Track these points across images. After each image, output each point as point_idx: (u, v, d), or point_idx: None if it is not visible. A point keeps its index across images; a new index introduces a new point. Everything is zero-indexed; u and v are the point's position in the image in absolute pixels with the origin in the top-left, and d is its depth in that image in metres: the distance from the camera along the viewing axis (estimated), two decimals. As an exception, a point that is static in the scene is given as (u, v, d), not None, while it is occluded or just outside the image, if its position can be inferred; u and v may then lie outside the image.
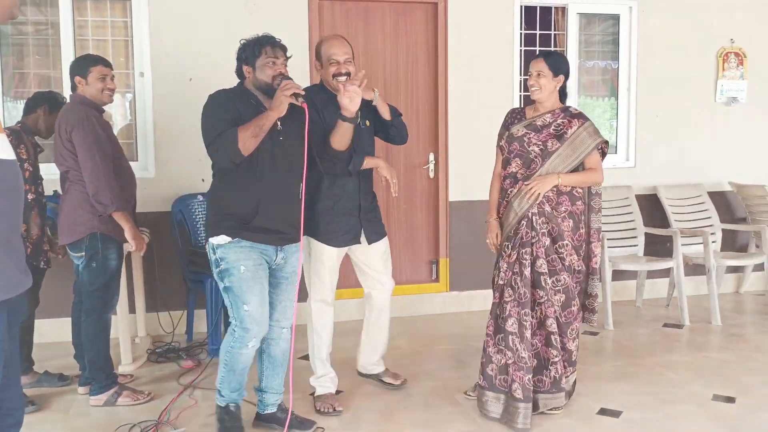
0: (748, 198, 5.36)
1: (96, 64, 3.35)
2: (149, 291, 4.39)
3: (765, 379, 3.65)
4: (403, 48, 4.89)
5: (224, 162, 2.75)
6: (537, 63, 3.17)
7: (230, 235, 2.78)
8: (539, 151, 3.15)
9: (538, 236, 3.10)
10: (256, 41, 2.85)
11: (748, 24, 5.45)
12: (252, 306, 2.80)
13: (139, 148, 4.55)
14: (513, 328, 3.07)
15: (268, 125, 2.72)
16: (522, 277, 3.08)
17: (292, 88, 2.71)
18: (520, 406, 3.03)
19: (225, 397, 2.98)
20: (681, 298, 4.74)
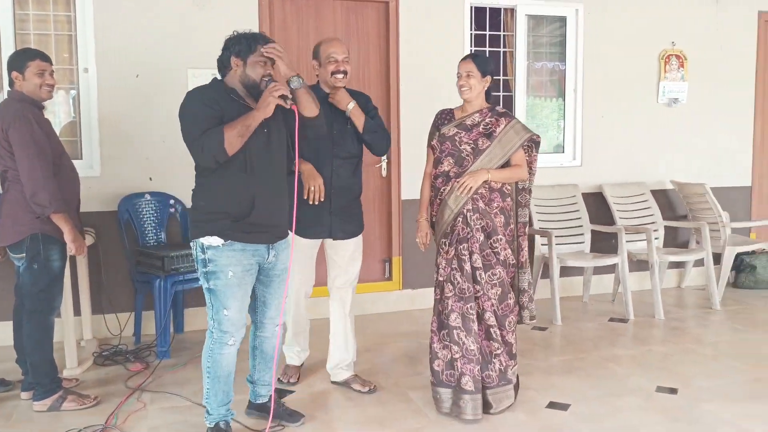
0: (689, 196, 5.55)
1: (33, 58, 3.24)
2: (95, 292, 4.27)
3: (705, 371, 3.79)
4: (355, 47, 4.89)
5: (208, 161, 2.70)
6: (466, 64, 3.25)
7: (223, 237, 2.75)
8: (470, 149, 3.23)
9: (473, 232, 3.17)
10: (252, 36, 2.82)
11: (688, 27, 5.64)
12: (232, 311, 2.81)
13: (83, 146, 4.43)
14: (457, 322, 3.13)
15: (255, 125, 2.70)
16: (462, 273, 3.15)
17: (281, 90, 2.72)
18: (469, 398, 3.09)
19: (213, 414, 2.91)
20: (626, 294, 4.87)
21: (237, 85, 2.83)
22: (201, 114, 2.71)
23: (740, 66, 5.83)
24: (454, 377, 3.14)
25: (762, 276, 5.64)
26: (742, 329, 4.61)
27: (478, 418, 3.10)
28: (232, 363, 2.90)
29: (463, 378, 3.10)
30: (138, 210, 4.39)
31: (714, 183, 5.56)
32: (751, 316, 4.95)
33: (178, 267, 4.06)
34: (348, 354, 3.61)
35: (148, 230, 4.41)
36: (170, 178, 4.51)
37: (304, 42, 4.76)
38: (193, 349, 4.20)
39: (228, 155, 2.67)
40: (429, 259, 5.03)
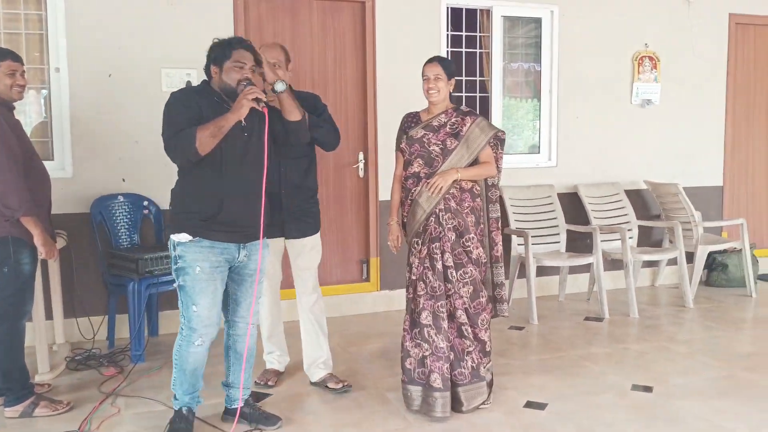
0: (662, 196, 5.62)
1: (4, 58, 3.17)
2: (67, 296, 4.19)
3: (679, 369, 3.84)
4: (331, 46, 4.87)
5: (180, 160, 2.77)
6: (433, 67, 3.31)
7: (191, 234, 2.80)
8: (439, 150, 3.28)
9: (445, 231, 3.21)
10: (227, 43, 2.86)
11: (660, 29, 5.72)
12: (200, 307, 2.84)
13: (55, 147, 4.35)
14: (428, 320, 3.16)
15: (227, 127, 2.73)
16: (434, 271, 3.18)
17: (255, 93, 2.74)
18: (438, 395, 3.11)
19: (179, 400, 2.99)
20: (601, 293, 4.92)
21: (219, 90, 2.88)
22: (179, 114, 2.78)
23: (711, 67, 5.93)
24: (424, 375, 3.16)
25: (733, 274, 5.73)
26: (714, 327, 4.68)
27: (446, 415, 3.12)
28: (199, 361, 2.95)
29: (432, 375, 3.12)
30: (111, 211, 4.33)
31: (686, 183, 5.64)
32: (724, 314, 5.02)
33: (152, 269, 4.00)
34: (321, 351, 3.63)
35: (122, 232, 4.35)
36: (144, 179, 4.45)
37: (279, 41, 4.69)
38: (168, 352, 4.05)
39: (200, 155, 2.71)
40: (406, 260, 5.06)
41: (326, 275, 4.98)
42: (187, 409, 3.00)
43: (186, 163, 2.76)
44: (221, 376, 3.23)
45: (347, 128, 4.94)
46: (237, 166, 2.83)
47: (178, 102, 2.81)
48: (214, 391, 3.39)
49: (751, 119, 6.19)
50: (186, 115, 2.75)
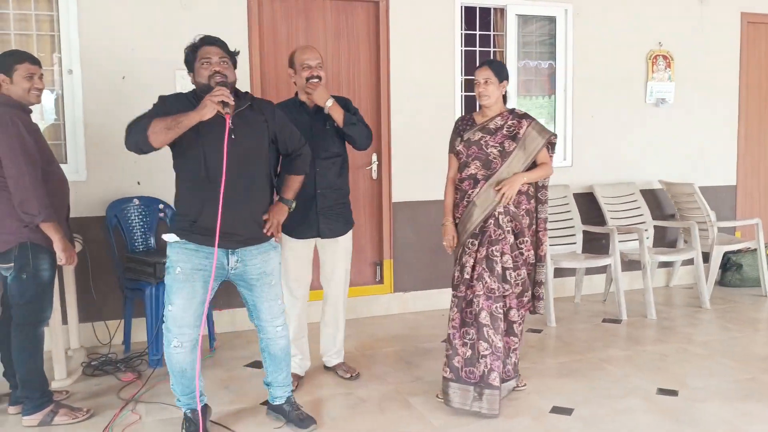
0: (677, 196, 5.58)
1: (22, 61, 3.13)
2: (82, 300, 4.14)
3: (701, 371, 3.80)
4: (345, 47, 4.83)
5: (131, 146, 2.80)
6: (484, 71, 3.34)
7: (179, 235, 2.86)
8: (498, 152, 3.33)
9: (504, 234, 3.28)
10: (192, 45, 2.88)
11: (674, 28, 5.68)
12: (175, 307, 2.85)
13: (68, 150, 4.31)
14: (486, 320, 3.22)
15: (187, 124, 2.71)
16: (493, 273, 3.24)
17: (222, 95, 2.69)
18: (496, 393, 3.19)
19: (181, 401, 3.04)
20: (619, 294, 4.88)
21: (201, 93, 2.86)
22: (152, 109, 2.83)
23: (725, 66, 5.89)
24: (474, 374, 3.22)
25: (748, 274, 5.70)
26: (732, 328, 4.65)
27: (495, 413, 3.18)
28: (182, 363, 2.89)
29: (492, 374, 3.19)
30: (126, 215, 4.29)
31: (700, 182, 5.60)
32: (740, 314, 4.99)
33: (169, 273, 3.96)
34: (336, 343, 3.82)
35: (137, 236, 4.31)
36: (159, 182, 4.40)
37: (294, 42, 4.68)
38: (185, 357, 4.11)
39: (150, 144, 2.73)
40: (420, 262, 5.05)
41: (341, 277, 4.94)
42: (190, 411, 3.01)
43: (137, 151, 2.79)
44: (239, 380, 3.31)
45: (361, 129, 4.90)
46: (220, 171, 2.75)
47: (159, 100, 2.88)
48: (234, 394, 3.37)
49: (763, 118, 6.16)
50: (157, 110, 2.79)
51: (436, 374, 3.72)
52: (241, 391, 3.57)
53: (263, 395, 3.45)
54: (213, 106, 2.69)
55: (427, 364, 3.95)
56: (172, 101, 2.86)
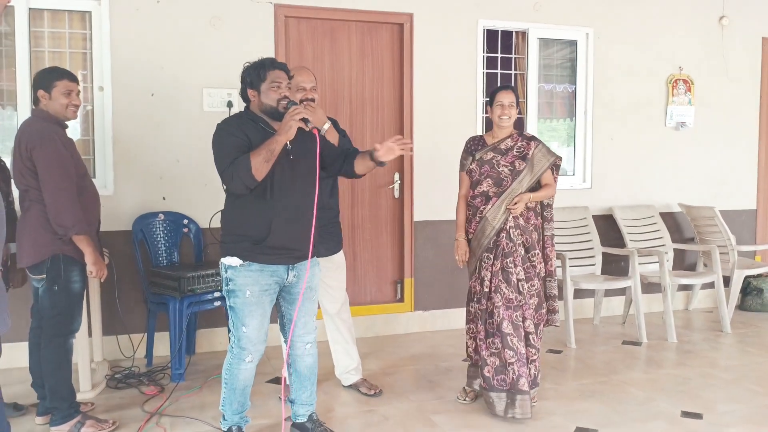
0: (696, 219, 5.58)
1: (61, 78, 3.20)
2: (107, 313, 4.19)
3: (725, 396, 3.78)
4: (369, 67, 4.90)
5: (240, 189, 2.78)
6: (508, 95, 3.55)
7: (242, 258, 2.85)
8: (508, 171, 3.55)
9: (516, 247, 3.48)
10: (260, 65, 2.88)
11: (694, 52, 5.71)
12: (250, 328, 2.91)
13: (97, 165, 4.38)
14: (509, 329, 3.39)
15: (279, 149, 2.75)
16: (509, 284, 3.43)
17: (302, 113, 2.76)
18: (527, 398, 3.35)
19: (228, 420, 3.05)
20: (639, 316, 4.87)
21: (260, 113, 2.91)
22: (228, 144, 2.80)
23: (745, 90, 5.91)
24: (505, 381, 3.38)
25: (769, 299, 5.67)
26: (754, 353, 4.62)
27: (528, 416, 3.35)
28: (249, 378, 3.01)
29: (521, 380, 3.35)
30: (152, 230, 4.34)
31: (719, 206, 5.59)
32: (762, 339, 4.96)
33: (194, 288, 4.00)
34: (352, 359, 3.83)
35: (161, 250, 4.36)
36: (184, 198, 4.47)
37: (319, 63, 4.76)
38: (207, 371, 4.14)
39: (257, 180, 2.74)
40: (440, 280, 5.06)
41: (360, 295, 4.97)
42: (237, 428, 3.05)
43: (245, 191, 2.77)
44: (261, 396, 3.36)
45: (384, 148, 4.94)
46: (285, 189, 2.85)
47: (225, 132, 2.83)
48: (257, 410, 3.39)
49: (784, 143, 6.16)
50: (235, 144, 2.78)
51: (458, 392, 3.73)
52: (265, 407, 3.58)
53: (286, 411, 3.46)
54: (296, 124, 2.75)
55: (449, 383, 3.95)
56: (243, 129, 2.82)
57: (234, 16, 4.52)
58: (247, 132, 2.82)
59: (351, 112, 4.87)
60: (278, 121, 2.83)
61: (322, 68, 4.76)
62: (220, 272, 2.95)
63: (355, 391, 3.81)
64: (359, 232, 4.96)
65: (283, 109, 2.82)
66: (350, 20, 4.81)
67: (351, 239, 4.89)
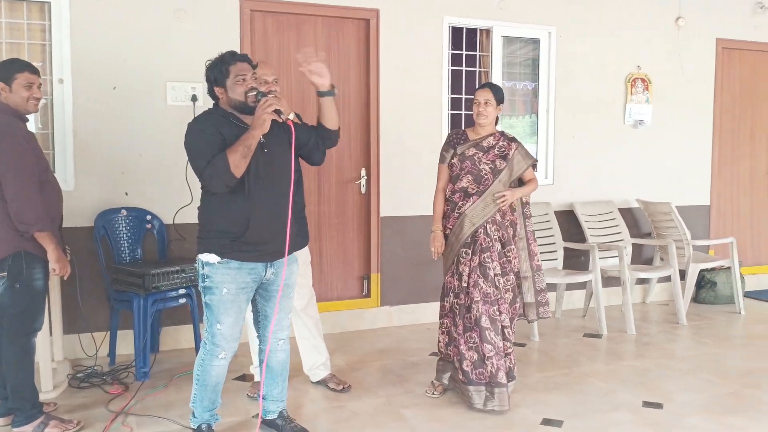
0: (654, 214, 5.74)
1: (22, 70, 3.11)
2: (68, 311, 4.09)
3: (683, 386, 3.90)
4: (335, 62, 4.88)
5: (220, 188, 2.74)
6: (484, 92, 3.60)
7: (219, 255, 2.81)
8: (489, 169, 3.60)
9: (492, 242, 3.53)
10: (221, 61, 2.84)
11: (652, 52, 5.86)
12: (224, 326, 2.88)
13: (57, 160, 4.26)
14: (487, 324, 3.45)
15: (255, 144, 2.72)
16: (487, 279, 3.49)
17: (273, 105, 2.72)
18: (505, 390, 3.43)
19: (198, 417, 3.02)
20: (599, 310, 4.99)
21: (230, 109, 2.86)
22: (203, 143, 2.75)
23: (700, 90, 6.09)
24: (483, 375, 3.44)
25: (722, 291, 5.86)
26: (709, 344, 4.78)
27: (506, 409, 3.42)
28: (222, 375, 2.99)
29: (499, 373, 3.42)
30: (114, 226, 4.25)
31: (675, 201, 5.75)
32: (716, 331, 5.13)
33: (158, 285, 3.94)
34: (320, 355, 3.83)
35: (124, 247, 4.28)
36: (147, 193, 4.39)
37: (285, 57, 4.73)
38: (173, 369, 4.09)
39: (237, 178, 2.72)
40: (407, 276, 5.09)
41: (327, 291, 4.97)
42: (206, 426, 3.02)
43: (225, 190, 2.73)
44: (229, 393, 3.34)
45: (350, 144, 4.95)
46: (261, 183, 2.82)
47: (199, 132, 2.78)
48: (225, 408, 3.37)
49: (736, 140, 6.38)
50: (210, 143, 2.73)
51: (426, 386, 3.77)
52: (233, 404, 3.56)
53: (254, 408, 3.45)
54: (270, 117, 2.72)
55: (417, 378, 3.98)
56: (216, 127, 2.78)
57: (199, 9, 4.46)
58: (221, 129, 2.77)
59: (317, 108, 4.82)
60: (249, 114, 2.80)
61: (288, 63, 4.73)
62: (197, 268, 2.90)
63: (323, 387, 3.81)
64: (326, 228, 4.95)
65: (253, 102, 2.79)
66: (316, 15, 4.79)
67: (318, 235, 4.88)
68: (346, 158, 4.96)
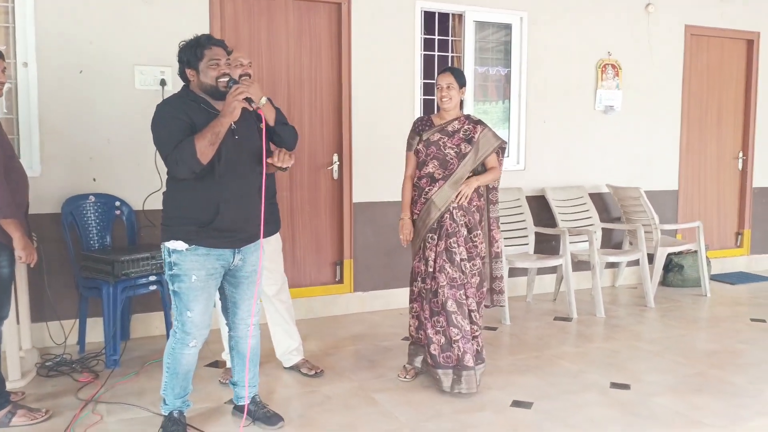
0: (623, 199, 5.81)
1: None
2: (35, 299, 4.02)
3: (650, 367, 3.98)
4: (307, 47, 4.85)
5: (185, 174, 2.70)
6: (446, 77, 3.60)
7: (187, 242, 2.77)
8: (454, 153, 3.59)
9: (459, 227, 3.54)
10: (196, 43, 2.80)
11: (622, 38, 5.92)
12: (195, 313, 2.86)
13: (22, 145, 4.17)
14: (453, 308, 3.47)
15: (224, 131, 2.70)
16: (453, 263, 3.49)
17: (244, 92, 2.70)
18: (472, 373, 3.45)
19: (169, 404, 2.99)
20: (569, 293, 5.05)
21: (200, 92, 2.84)
22: (171, 127, 2.71)
23: (669, 76, 6.17)
24: (450, 358, 3.47)
25: (689, 275, 5.98)
26: (677, 326, 4.87)
27: (474, 391, 3.45)
28: (192, 363, 2.97)
29: (466, 356, 3.44)
30: (82, 212, 4.19)
31: (644, 186, 5.83)
32: (683, 313, 5.24)
33: (128, 272, 3.90)
34: (293, 340, 3.84)
35: (93, 233, 4.22)
36: (116, 179, 4.33)
37: (255, 42, 4.68)
38: (144, 356, 4.05)
39: (203, 164, 2.68)
40: (379, 262, 5.10)
41: (300, 277, 4.96)
42: (178, 413, 3.01)
43: (190, 175, 2.69)
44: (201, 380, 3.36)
45: (322, 129, 4.93)
46: (231, 170, 2.80)
47: (169, 115, 2.74)
48: (197, 395, 3.36)
49: (704, 126, 6.48)
50: (179, 127, 2.70)
51: (399, 371, 3.79)
52: (205, 391, 3.54)
53: (226, 395, 3.45)
54: (240, 104, 2.69)
55: (389, 362, 4.01)
56: (186, 111, 2.74)
57: (167, -8, 4.38)
58: (190, 114, 2.74)
59: (289, 93, 4.81)
60: (219, 100, 2.77)
61: (259, 48, 4.69)
62: (163, 256, 2.86)
63: (296, 372, 3.82)
64: (298, 214, 4.93)
65: (224, 87, 2.76)
66: (287, -1, 4.75)
67: (290, 221, 4.86)
68: (318, 144, 4.93)
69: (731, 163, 6.67)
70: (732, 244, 6.76)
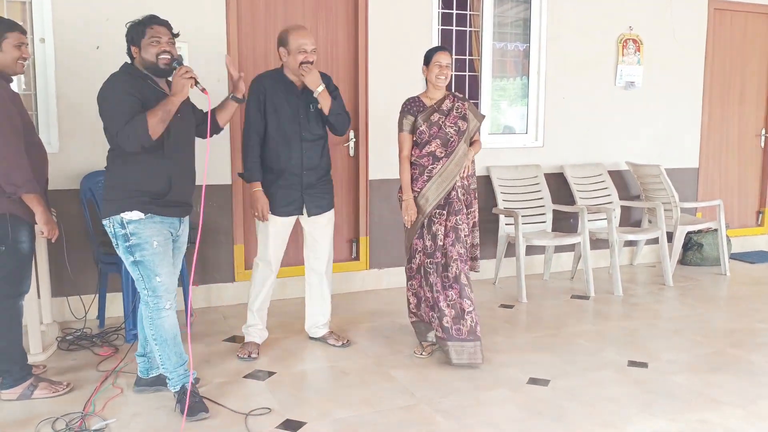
0: (643, 177, 5.74)
1: (13, 29, 3.04)
2: (55, 274, 4.07)
3: (668, 345, 3.96)
4: (323, 25, 4.80)
5: (134, 147, 2.83)
6: (446, 56, 3.66)
7: (143, 211, 2.90)
8: (454, 132, 3.68)
9: (461, 205, 3.67)
10: (139, 21, 2.97)
11: (644, 13, 5.80)
12: (163, 276, 2.97)
13: (40, 121, 4.19)
14: (465, 281, 3.59)
15: (174, 109, 2.85)
16: (460, 239, 3.61)
17: (190, 72, 2.86)
18: (479, 343, 3.55)
19: (173, 378, 3.01)
20: (587, 271, 5.02)
21: (143, 69, 2.96)
22: (124, 103, 2.83)
23: (691, 52, 6.05)
24: (461, 331, 3.53)
25: (708, 253, 5.92)
26: (695, 305, 4.83)
27: (480, 362, 3.54)
28: (174, 325, 3.02)
29: (477, 327, 3.55)
30: (100, 188, 4.16)
31: (664, 164, 5.76)
32: (702, 292, 5.19)
33: (146, 248, 3.91)
34: (324, 315, 3.93)
35: (111, 209, 4.23)
36: (134, 156, 4.33)
37: (273, 21, 4.64)
38: (162, 331, 4.09)
39: (152, 140, 2.83)
40: (395, 239, 5.09)
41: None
42: (190, 384, 2.99)
43: (139, 149, 2.83)
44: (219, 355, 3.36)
45: (339, 106, 4.89)
46: (177, 145, 2.99)
47: (121, 91, 2.85)
48: (215, 369, 3.38)
49: (725, 103, 6.37)
50: (131, 103, 2.82)
51: (414, 347, 3.80)
52: (222, 365, 3.58)
53: (245, 369, 3.48)
54: (188, 83, 2.84)
55: (406, 339, 4.01)
56: (134, 87, 2.87)
57: (183, -34, 4.34)
58: (141, 90, 2.88)
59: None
60: (160, 77, 2.96)
61: (275, 23, 4.64)
62: (113, 230, 2.93)
63: (322, 343, 3.92)
64: (314, 191, 4.91)
65: (164, 65, 2.91)
66: (304, -26, 4.69)
67: (306, 198, 4.85)
68: (335, 120, 4.90)
69: (753, 141, 6.56)
70: (753, 222, 6.68)
